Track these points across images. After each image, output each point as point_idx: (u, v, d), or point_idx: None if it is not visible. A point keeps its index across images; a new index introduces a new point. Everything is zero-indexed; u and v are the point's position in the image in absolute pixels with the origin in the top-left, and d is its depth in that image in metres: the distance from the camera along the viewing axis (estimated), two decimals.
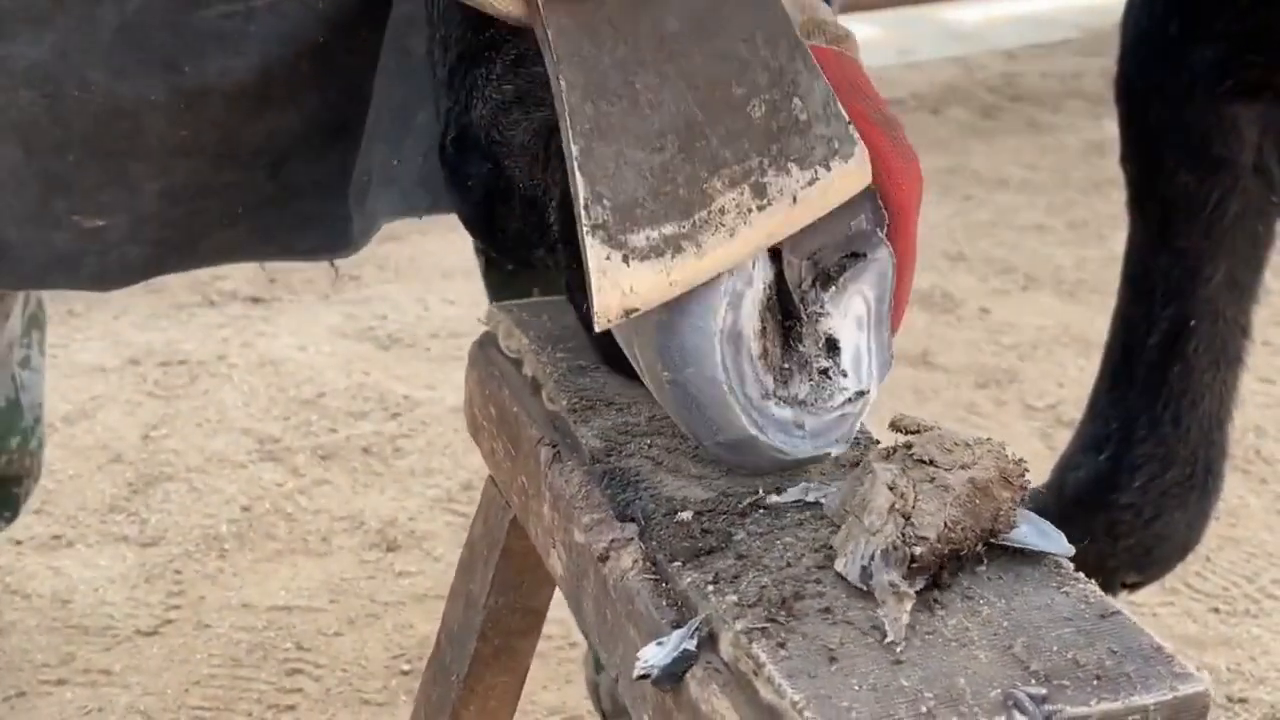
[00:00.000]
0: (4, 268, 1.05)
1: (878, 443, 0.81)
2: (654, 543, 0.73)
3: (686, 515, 0.74)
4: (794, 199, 0.72)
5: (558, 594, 0.93)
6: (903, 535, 0.63)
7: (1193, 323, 1.26)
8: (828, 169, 0.72)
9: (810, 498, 0.74)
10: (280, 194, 1.09)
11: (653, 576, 0.72)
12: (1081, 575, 0.68)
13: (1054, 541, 0.68)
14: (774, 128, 0.71)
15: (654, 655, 0.65)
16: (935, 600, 0.64)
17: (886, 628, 0.61)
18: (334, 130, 1.09)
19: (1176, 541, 1.34)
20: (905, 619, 0.61)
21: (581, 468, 0.83)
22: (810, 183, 0.72)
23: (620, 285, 0.68)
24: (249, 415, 2.23)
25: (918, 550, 0.63)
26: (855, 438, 0.81)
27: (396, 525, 1.96)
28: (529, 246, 0.93)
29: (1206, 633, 1.77)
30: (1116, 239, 1.40)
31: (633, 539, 0.74)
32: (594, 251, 0.67)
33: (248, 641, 1.74)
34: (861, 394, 0.76)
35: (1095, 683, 0.58)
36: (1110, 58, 1.34)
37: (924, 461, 0.66)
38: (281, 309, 2.55)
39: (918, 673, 0.60)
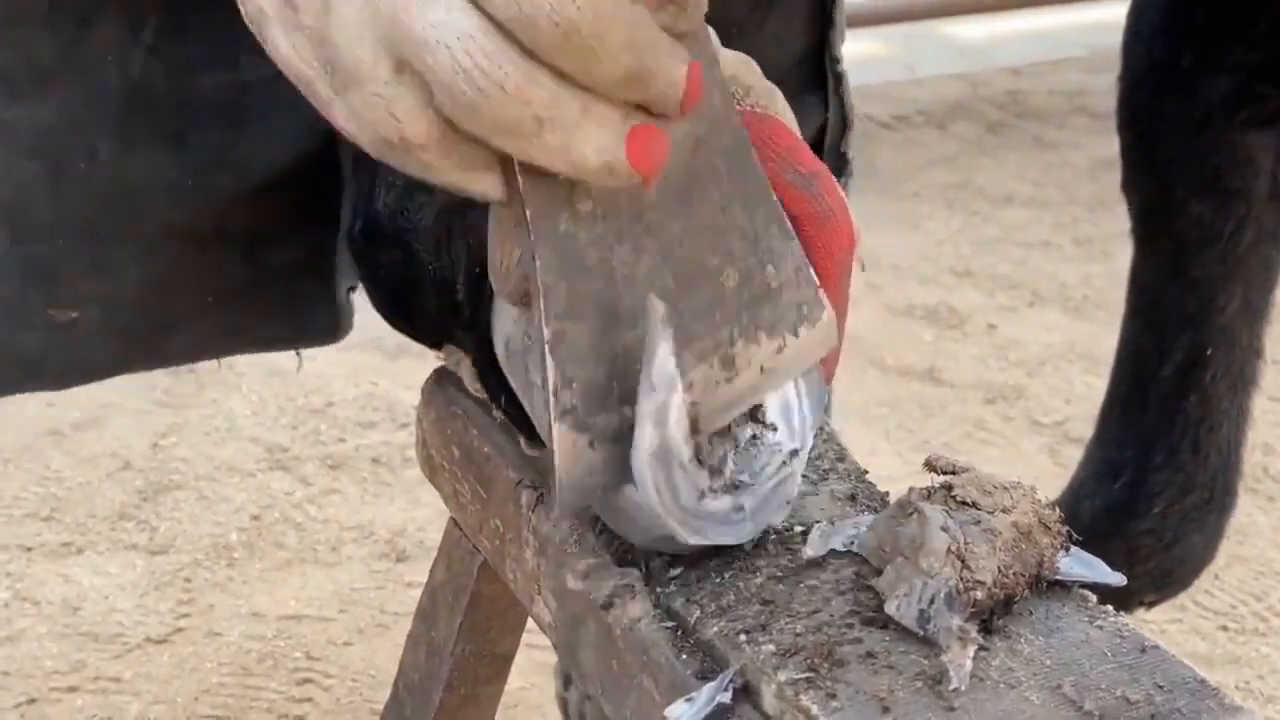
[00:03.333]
0: None
1: (866, 470, 0.80)
2: (665, 589, 0.70)
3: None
4: (761, 369, 0.69)
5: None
6: (961, 579, 0.62)
7: (1209, 351, 1.26)
8: (795, 335, 0.70)
9: (838, 543, 0.71)
10: (249, 281, 1.02)
11: (669, 625, 0.68)
12: (1109, 608, 0.67)
13: (1098, 570, 0.68)
14: (746, 297, 0.68)
15: (684, 712, 0.62)
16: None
17: (951, 673, 0.60)
18: (314, 208, 1.02)
19: (1195, 561, 1.34)
20: (969, 665, 0.60)
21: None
22: (778, 350, 0.69)
23: (587, 470, 0.64)
24: (258, 424, 2.23)
25: (978, 595, 0.62)
26: (843, 472, 0.78)
27: (405, 535, 1.97)
28: (446, 330, 0.89)
29: (1215, 650, 1.77)
30: (1122, 256, 1.40)
31: (638, 585, 0.71)
32: (561, 438, 0.63)
33: (258, 650, 1.74)
34: (795, 452, 0.72)
35: None
36: (1116, 75, 1.33)
37: (966, 503, 0.65)
38: None
39: (974, 719, 0.59)
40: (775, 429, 0.72)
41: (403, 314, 0.92)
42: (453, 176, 0.58)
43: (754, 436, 0.71)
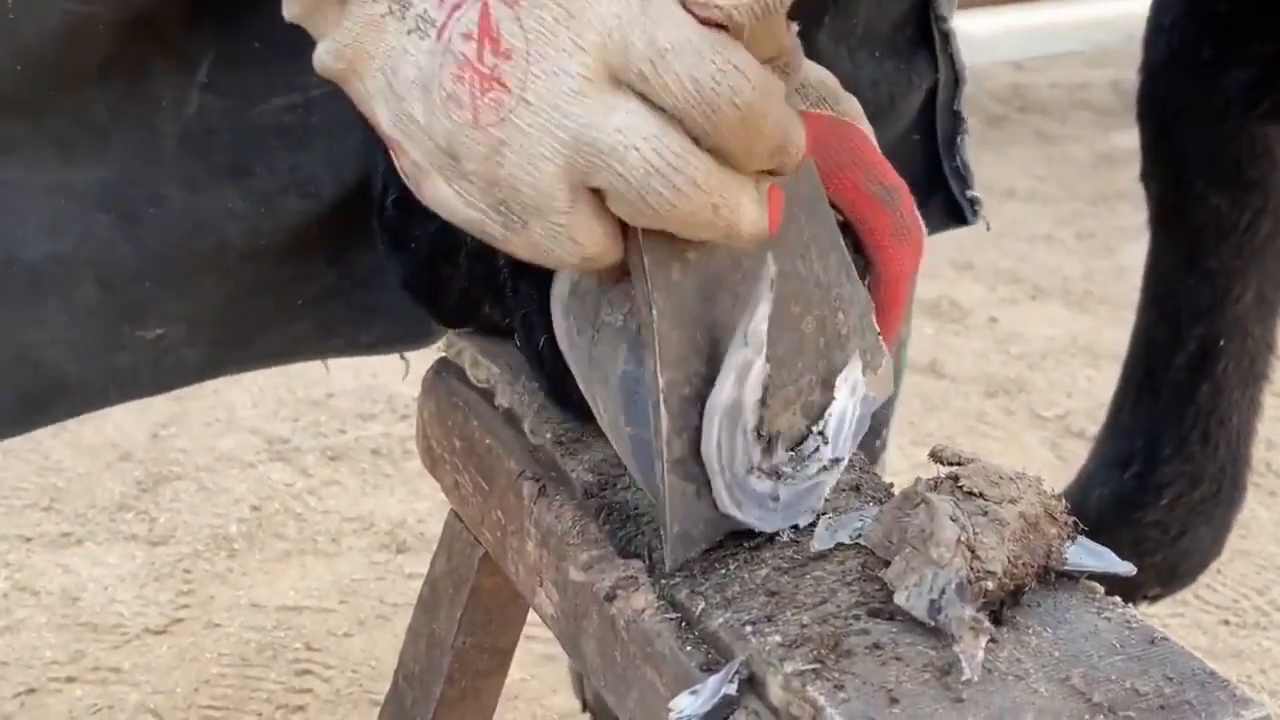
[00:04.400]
0: (60, 405, 0.96)
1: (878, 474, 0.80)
2: (669, 581, 0.70)
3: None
4: (832, 416, 0.71)
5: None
6: (971, 569, 0.62)
7: (1222, 342, 1.26)
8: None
9: (845, 536, 0.71)
10: (340, 285, 1.02)
11: (673, 616, 0.68)
12: (1118, 599, 0.67)
13: (1109, 561, 0.67)
14: (822, 344, 0.69)
15: (689, 704, 0.62)
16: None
17: (963, 663, 0.59)
18: None
19: (1201, 555, 1.34)
20: (981, 655, 0.60)
21: (572, 502, 0.79)
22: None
23: (697, 520, 0.67)
24: (258, 415, 2.22)
25: (989, 585, 0.62)
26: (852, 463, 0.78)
27: (406, 527, 1.96)
28: (474, 304, 0.89)
29: (1216, 645, 1.77)
30: (1124, 250, 1.40)
31: (641, 577, 0.71)
32: (673, 488, 0.66)
33: (257, 641, 1.74)
34: (836, 461, 0.73)
35: (1160, 713, 0.58)
36: (1118, 69, 1.33)
37: (974, 494, 0.65)
38: None
39: (983, 711, 0.58)
40: (826, 441, 0.72)
41: (429, 288, 0.91)
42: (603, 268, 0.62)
43: (805, 437, 0.72)
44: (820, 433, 0.72)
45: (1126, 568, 0.68)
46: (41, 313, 0.91)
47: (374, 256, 1.00)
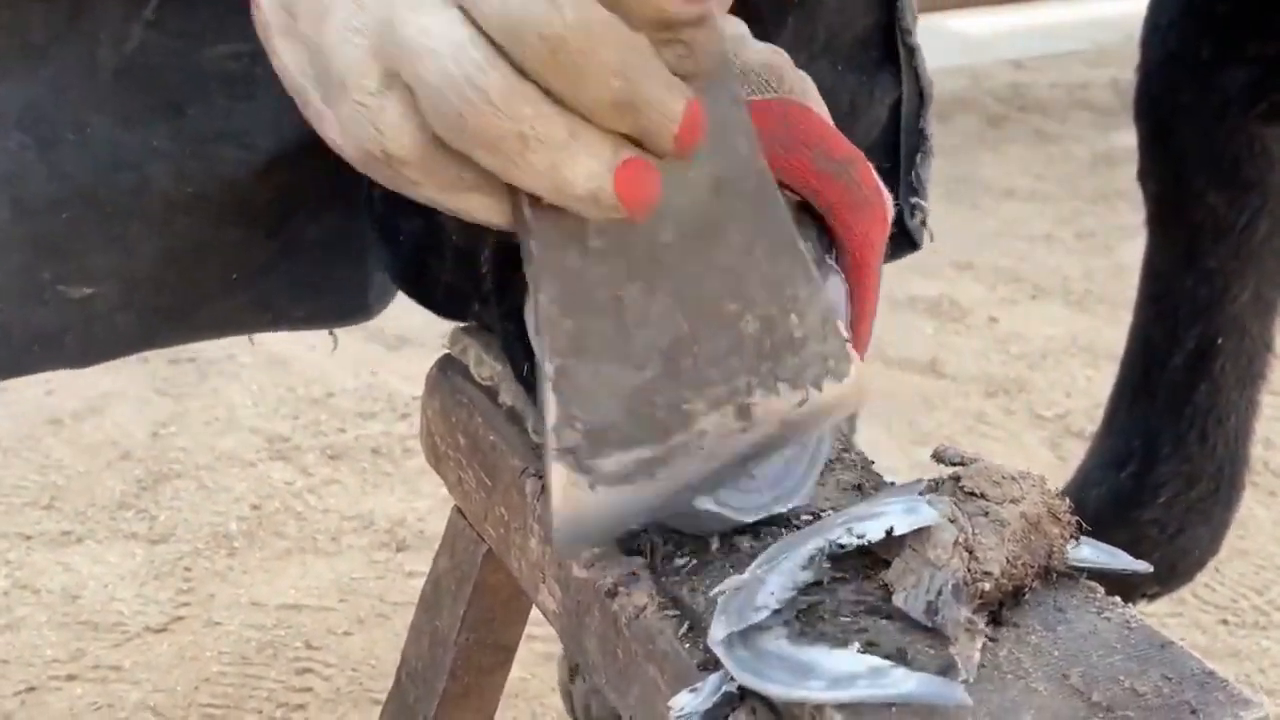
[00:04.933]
0: None
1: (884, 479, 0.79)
2: (670, 578, 0.70)
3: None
4: (781, 422, 0.66)
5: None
6: (969, 570, 0.62)
7: (1219, 341, 1.26)
8: (819, 389, 0.67)
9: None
10: (278, 257, 1.00)
11: (675, 614, 0.68)
12: (1118, 599, 0.67)
13: (1122, 559, 0.68)
14: (766, 346, 0.65)
15: (690, 702, 0.62)
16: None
17: (959, 665, 0.60)
18: (341, 185, 0.99)
19: (1199, 554, 1.34)
20: (977, 656, 0.60)
21: None
22: (800, 403, 0.67)
23: (582, 513, 0.62)
24: (258, 414, 2.22)
25: (986, 586, 0.62)
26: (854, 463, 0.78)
27: (406, 525, 1.96)
28: (463, 300, 0.89)
29: (1215, 644, 1.77)
30: (1124, 250, 1.40)
31: (643, 574, 0.71)
32: (558, 477, 0.61)
33: (257, 640, 1.74)
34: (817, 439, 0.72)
35: (1159, 712, 0.58)
36: (1118, 69, 1.34)
37: (975, 494, 0.65)
38: None
39: (982, 709, 0.58)
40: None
41: (418, 282, 0.90)
42: (437, 195, 0.58)
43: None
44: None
45: (1142, 566, 0.68)
46: None
47: (315, 228, 1.00)
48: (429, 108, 0.54)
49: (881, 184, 0.75)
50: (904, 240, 1.12)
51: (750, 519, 0.72)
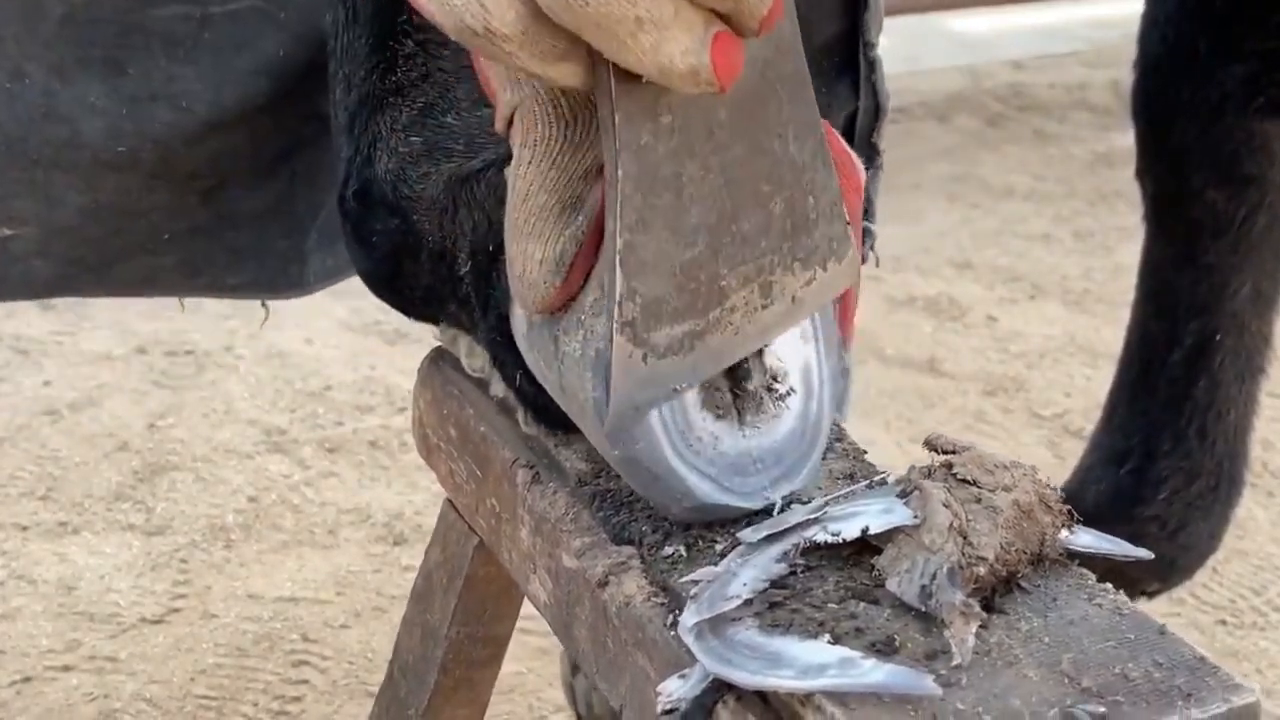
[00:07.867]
0: None
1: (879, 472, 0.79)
2: (660, 567, 0.70)
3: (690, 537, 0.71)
4: (793, 299, 0.70)
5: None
6: (963, 554, 0.62)
7: (1218, 337, 1.26)
8: (824, 269, 0.71)
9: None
10: (212, 222, 1.00)
11: (664, 602, 0.69)
12: (1109, 586, 0.67)
13: (1122, 546, 0.68)
14: (788, 226, 0.69)
15: (678, 688, 0.62)
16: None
17: (954, 648, 0.60)
18: (282, 157, 1.00)
19: (1199, 550, 1.34)
20: (971, 640, 0.60)
21: (565, 490, 0.79)
22: (809, 282, 0.70)
23: (640, 384, 0.66)
24: (255, 406, 2.22)
25: (980, 571, 0.62)
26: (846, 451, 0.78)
27: (403, 519, 1.96)
28: (439, 302, 0.88)
29: (1213, 645, 1.77)
30: (1123, 249, 1.40)
31: (633, 563, 0.71)
32: (619, 350, 0.64)
33: (254, 632, 1.74)
34: (816, 420, 0.73)
35: (1150, 697, 0.58)
36: (1117, 69, 1.34)
37: (968, 481, 0.65)
38: (288, 301, 2.54)
39: (971, 694, 0.58)
40: (794, 391, 0.73)
41: (390, 282, 0.90)
42: (530, 63, 0.59)
43: (773, 391, 0.72)
44: (784, 382, 0.72)
45: (1142, 552, 0.68)
46: None
47: (250, 198, 1.00)
48: None
49: (849, 149, 0.76)
50: None
51: (752, 505, 0.72)
